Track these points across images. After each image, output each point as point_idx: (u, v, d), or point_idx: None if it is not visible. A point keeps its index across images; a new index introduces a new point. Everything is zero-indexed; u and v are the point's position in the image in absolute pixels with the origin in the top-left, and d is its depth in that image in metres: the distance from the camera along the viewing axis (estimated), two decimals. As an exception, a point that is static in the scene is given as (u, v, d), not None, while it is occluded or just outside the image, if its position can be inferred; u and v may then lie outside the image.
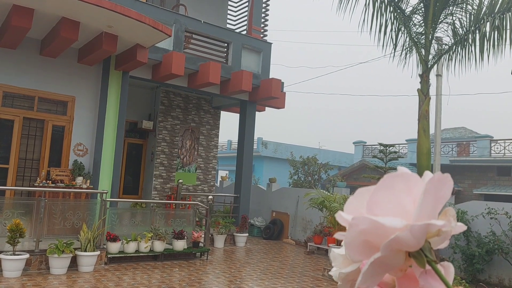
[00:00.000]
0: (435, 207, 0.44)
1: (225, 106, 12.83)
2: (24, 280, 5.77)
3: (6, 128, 8.17)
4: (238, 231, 10.43)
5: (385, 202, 0.44)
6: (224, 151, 27.26)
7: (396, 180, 0.45)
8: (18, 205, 7.16)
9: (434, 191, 0.43)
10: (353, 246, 0.44)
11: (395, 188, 0.45)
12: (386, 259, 0.43)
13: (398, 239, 0.42)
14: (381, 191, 0.45)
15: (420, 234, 0.42)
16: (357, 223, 0.43)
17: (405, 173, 0.46)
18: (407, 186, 0.45)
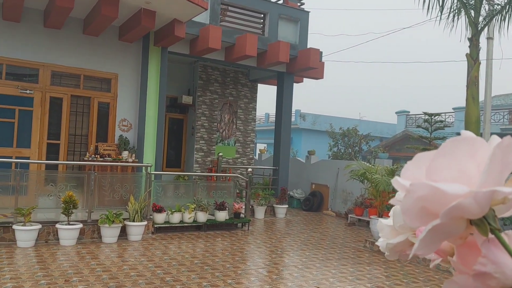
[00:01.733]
0: (502, 173, 0.41)
1: (262, 78, 12.78)
2: (79, 248, 6.19)
3: (56, 106, 8.59)
4: (277, 203, 10.58)
5: (447, 168, 0.42)
6: (261, 124, 27.33)
7: (459, 144, 0.42)
8: (70, 178, 7.61)
9: (501, 157, 0.41)
10: (410, 212, 0.42)
11: (458, 152, 0.42)
12: (446, 227, 0.41)
13: (461, 206, 0.40)
14: (443, 156, 0.42)
15: (484, 201, 0.40)
16: (415, 189, 0.41)
17: (469, 137, 0.43)
18: (471, 151, 0.42)
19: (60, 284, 4.48)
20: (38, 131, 8.33)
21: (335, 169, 11.67)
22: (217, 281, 4.97)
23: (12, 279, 4.56)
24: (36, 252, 5.80)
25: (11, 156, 7.99)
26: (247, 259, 6.35)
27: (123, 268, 5.25)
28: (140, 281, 4.78)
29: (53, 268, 5.10)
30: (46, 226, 6.46)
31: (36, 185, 7.14)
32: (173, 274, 5.12)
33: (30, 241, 6.08)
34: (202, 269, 5.42)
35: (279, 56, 9.95)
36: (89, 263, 5.41)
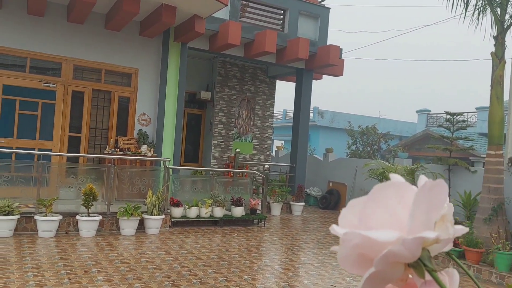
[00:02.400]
0: (430, 216, 0.42)
1: (281, 75, 12.73)
2: (98, 240, 6.31)
3: (78, 99, 8.75)
4: (294, 200, 10.55)
5: (377, 214, 0.42)
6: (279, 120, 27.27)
7: (387, 190, 0.43)
8: (90, 171, 7.75)
9: (426, 201, 0.41)
10: (347, 261, 0.43)
11: (386, 198, 0.43)
12: (383, 273, 0.41)
13: (392, 253, 0.40)
14: (372, 203, 0.43)
15: (413, 246, 0.40)
16: (349, 238, 0.42)
17: (395, 182, 0.44)
18: (398, 195, 0.43)
19: (79, 275, 4.57)
20: (60, 124, 8.50)
21: (353, 167, 11.56)
22: (233, 276, 4.99)
23: (33, 268, 4.68)
24: (56, 243, 5.93)
25: (34, 148, 8.18)
26: (263, 255, 6.36)
27: (140, 261, 5.32)
28: (157, 274, 4.84)
29: (73, 258, 5.20)
30: (67, 217, 6.59)
31: (57, 177, 7.30)
32: (190, 268, 5.16)
33: (51, 231, 6.22)
34: (218, 264, 5.45)
35: (299, 53, 9.89)
36: (108, 254, 5.51)
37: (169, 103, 9.22)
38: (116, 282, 4.44)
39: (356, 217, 0.43)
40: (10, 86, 8.05)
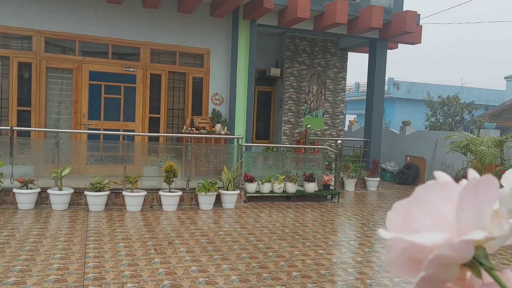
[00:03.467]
0: (480, 214, 0.40)
1: (353, 46, 12.25)
2: (179, 214, 6.71)
3: (156, 82, 9.22)
4: (369, 176, 10.28)
5: (423, 216, 0.41)
6: (351, 94, 26.43)
7: (431, 191, 0.41)
8: (170, 149, 8.20)
9: (473, 199, 0.39)
10: (396, 266, 0.42)
11: (431, 199, 0.41)
12: (436, 275, 0.39)
13: (440, 256, 0.38)
14: (416, 205, 0.41)
15: (463, 248, 0.38)
16: (395, 243, 0.40)
17: (440, 182, 0.42)
18: (444, 195, 0.41)
19: (164, 246, 4.92)
20: (141, 106, 9.05)
21: (433, 140, 10.93)
22: (308, 250, 5.04)
23: (123, 239, 5.12)
24: (142, 216, 6.42)
25: (119, 129, 8.83)
26: (338, 230, 6.33)
27: (219, 234, 5.58)
28: (235, 246, 5.04)
29: (157, 231, 5.60)
30: (151, 192, 7.09)
31: (141, 155, 7.83)
32: (265, 242, 5.31)
33: (137, 206, 6.74)
34: (293, 238, 5.53)
35: (372, 22, 9.40)
36: (189, 227, 5.85)
37: (240, 82, 9.35)
38: (197, 253, 4.71)
39: (402, 220, 0.42)
40: (95, 72, 8.70)
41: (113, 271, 4.02)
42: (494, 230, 0.41)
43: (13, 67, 8.14)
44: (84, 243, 4.84)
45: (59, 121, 8.61)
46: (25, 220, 5.74)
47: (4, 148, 6.86)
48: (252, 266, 4.38)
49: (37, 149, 7.39)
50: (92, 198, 6.52)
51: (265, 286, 3.89)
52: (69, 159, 7.26)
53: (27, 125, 8.21)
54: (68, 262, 4.20)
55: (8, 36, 8.13)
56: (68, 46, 8.58)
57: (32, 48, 8.24)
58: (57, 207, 6.45)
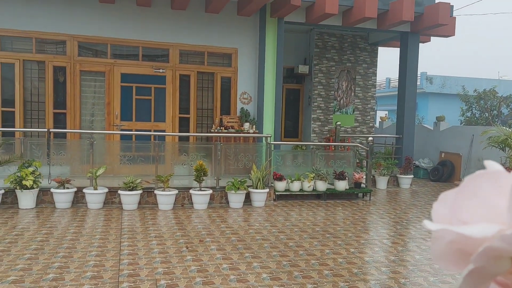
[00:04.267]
0: None
1: (383, 41, 11.99)
2: (209, 212, 6.77)
3: (185, 83, 9.35)
4: (401, 173, 10.04)
5: (472, 206, 0.39)
6: (382, 90, 25.88)
7: (480, 180, 0.39)
8: (199, 148, 8.29)
9: None
10: (443, 258, 0.40)
11: (480, 189, 0.39)
12: (485, 268, 0.37)
13: (490, 249, 0.36)
14: (464, 195, 0.39)
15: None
16: (441, 235, 0.39)
17: (490, 171, 0.40)
18: (496, 185, 0.39)
19: (195, 244, 4.98)
20: (171, 106, 9.20)
21: (469, 135, 10.55)
22: (340, 249, 4.97)
23: (156, 237, 5.22)
24: (174, 214, 6.52)
25: (150, 129, 9.01)
26: (370, 229, 6.21)
27: (249, 232, 5.59)
28: (265, 244, 5.04)
29: (189, 229, 5.68)
30: (182, 191, 7.19)
31: (171, 155, 7.96)
32: (296, 240, 5.27)
33: (169, 204, 6.86)
34: (324, 237, 5.47)
35: (403, 15, 9.16)
36: (219, 225, 5.89)
37: (268, 80, 9.34)
38: (228, 251, 4.73)
39: (449, 211, 0.41)
40: (126, 74, 8.91)
41: (146, 268, 4.10)
42: None
43: (49, 71, 8.45)
44: (118, 241, 4.96)
45: (93, 123, 8.87)
46: (63, 219, 5.95)
47: (41, 150, 7.14)
48: (283, 264, 4.36)
49: (72, 150, 7.64)
50: (125, 197, 6.68)
51: (296, 284, 3.86)
52: (103, 159, 7.47)
53: (63, 127, 8.51)
54: (104, 259, 4.31)
55: (43, 41, 8.45)
56: (100, 49, 8.83)
57: (66, 52, 8.53)
58: (92, 206, 6.65)
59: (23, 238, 4.95)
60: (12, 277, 3.76)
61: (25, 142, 7.21)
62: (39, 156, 7.05)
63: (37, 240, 4.89)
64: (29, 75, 8.45)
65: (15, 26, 8.15)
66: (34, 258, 4.28)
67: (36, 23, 8.25)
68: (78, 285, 3.64)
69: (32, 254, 4.39)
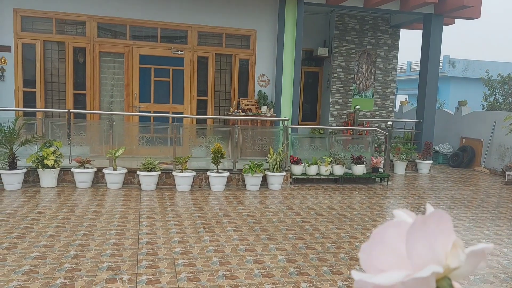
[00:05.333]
0: (433, 248, 0.42)
1: (406, 23, 11.66)
2: (226, 194, 6.82)
3: (203, 65, 9.32)
4: (420, 158, 9.88)
5: (383, 255, 0.43)
6: (403, 73, 25.35)
7: (387, 230, 0.44)
8: (217, 131, 8.31)
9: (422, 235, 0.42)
10: None
11: (388, 238, 0.43)
12: None
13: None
14: (376, 245, 0.44)
15: (419, 285, 0.40)
16: (362, 286, 0.43)
17: (395, 222, 0.44)
18: (400, 233, 0.43)
19: (213, 225, 5.03)
20: (189, 88, 9.20)
21: (491, 121, 10.28)
22: (356, 233, 4.96)
23: (174, 217, 5.29)
24: (191, 196, 6.59)
25: (168, 111, 9.05)
26: (387, 213, 6.16)
27: (265, 214, 5.62)
28: (281, 227, 5.06)
29: (206, 210, 5.74)
30: (199, 173, 7.25)
31: (189, 137, 8.00)
32: (312, 223, 5.28)
33: (186, 186, 6.93)
34: (340, 220, 5.46)
35: (426, -4, 8.88)
36: (236, 207, 5.94)
37: (287, 63, 9.23)
38: (245, 233, 4.77)
39: (368, 260, 0.45)
40: (145, 55, 8.93)
41: (165, 248, 4.17)
42: (452, 261, 0.42)
43: (69, 52, 8.53)
44: (137, 220, 5.06)
45: (112, 104, 8.97)
46: (83, 198, 6.08)
47: (62, 130, 7.26)
48: (298, 247, 4.38)
49: (92, 131, 7.76)
50: (144, 178, 6.77)
51: (312, 266, 3.88)
52: (122, 140, 7.56)
53: (83, 108, 8.63)
54: (123, 238, 4.41)
55: (63, 22, 8.51)
56: (119, 30, 8.85)
57: (86, 33, 8.58)
58: (112, 186, 6.78)
59: (45, 216, 5.09)
60: (35, 253, 3.88)
61: (46, 122, 7.34)
62: (60, 136, 7.19)
63: (59, 218, 5.02)
64: (49, 56, 8.55)
65: (35, 6, 8.22)
66: (56, 235, 4.40)
67: (57, 3, 8.30)
68: (99, 262, 3.74)
69: (54, 232, 4.51)
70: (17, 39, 8.20)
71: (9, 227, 4.58)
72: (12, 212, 5.17)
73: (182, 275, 3.55)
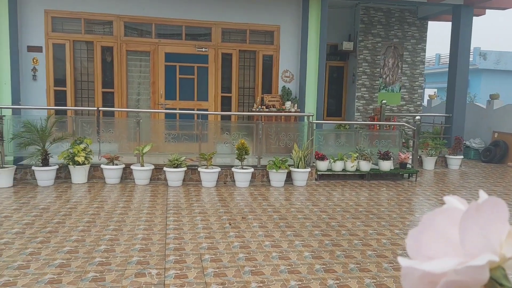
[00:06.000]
0: (487, 236, 0.40)
1: (434, 15, 11.34)
2: (251, 190, 6.84)
3: (227, 61, 9.35)
4: (450, 153, 9.63)
5: (432, 242, 0.42)
6: (431, 67, 24.69)
7: (437, 217, 0.43)
8: (241, 127, 8.33)
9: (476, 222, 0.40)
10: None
11: (438, 225, 0.42)
12: None
13: (449, 283, 0.39)
14: (424, 231, 0.43)
15: (472, 273, 0.38)
16: (410, 272, 0.42)
17: (445, 209, 0.43)
18: (452, 221, 0.42)
19: (238, 221, 5.06)
20: (213, 85, 9.26)
21: (526, 115, 9.90)
22: (384, 230, 4.88)
23: (200, 213, 5.35)
24: (217, 192, 6.64)
25: (193, 108, 9.14)
26: (416, 210, 6.04)
27: (291, 211, 5.61)
28: (307, 223, 5.03)
29: (231, 206, 5.77)
30: (224, 169, 7.30)
31: (214, 133, 8.06)
32: (338, 220, 5.23)
33: (212, 181, 6.99)
34: (367, 217, 5.39)
35: (455, -14, 8.60)
36: (261, 203, 5.94)
37: (311, 58, 9.15)
38: (270, 229, 4.78)
39: (417, 247, 0.44)
40: (170, 53, 9.03)
41: (191, 243, 4.22)
42: (507, 250, 0.41)
43: (97, 51, 8.73)
44: (164, 216, 5.14)
45: (139, 102, 9.13)
46: (112, 194, 6.23)
47: (91, 127, 7.45)
48: (325, 244, 4.35)
49: (120, 128, 7.93)
50: (170, 174, 6.87)
51: (338, 263, 3.84)
52: (149, 137, 7.69)
53: (111, 106, 8.82)
54: (151, 233, 4.49)
55: (91, 22, 8.71)
56: (145, 29, 8.98)
57: (113, 33, 8.75)
58: (139, 182, 6.91)
59: (76, 211, 5.24)
60: (67, 247, 4.01)
61: (77, 120, 7.55)
62: (89, 134, 7.37)
63: (89, 213, 5.16)
64: (78, 55, 8.77)
65: (65, 7, 8.43)
66: (87, 230, 4.53)
67: (85, 4, 8.49)
68: (128, 257, 3.82)
69: (85, 227, 4.64)
70: (48, 40, 8.44)
71: (42, 222, 4.75)
72: (45, 208, 5.35)
73: (208, 270, 3.58)
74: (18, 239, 4.18)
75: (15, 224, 4.64)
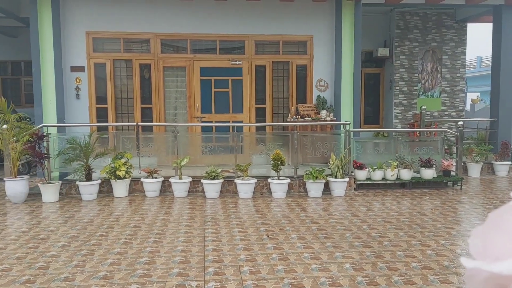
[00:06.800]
0: None
1: (473, 16, 10.95)
2: (288, 201, 6.78)
3: (260, 73, 9.41)
4: (497, 159, 9.16)
5: (501, 241, 0.39)
6: (473, 70, 23.77)
7: (505, 215, 0.40)
8: (276, 138, 8.32)
9: None
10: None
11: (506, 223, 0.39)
12: None
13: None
14: (490, 230, 0.40)
15: None
16: (476, 273, 0.39)
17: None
18: None
19: (276, 232, 5.01)
20: (248, 97, 9.32)
21: None
22: (428, 240, 4.68)
23: (238, 225, 5.35)
24: (254, 203, 6.63)
25: (229, 120, 9.23)
26: (462, 220, 5.76)
27: (329, 221, 5.50)
28: (347, 234, 4.91)
29: (269, 217, 5.73)
30: (260, 180, 7.28)
31: (249, 145, 8.09)
32: (380, 231, 5.07)
33: (248, 193, 6.99)
34: (410, 228, 5.19)
35: (496, -15, 8.27)
36: (299, 214, 5.87)
37: (346, 65, 9.04)
38: (309, 240, 4.70)
39: (482, 246, 0.41)
40: (205, 67, 9.20)
41: (230, 255, 4.22)
42: None
43: (135, 68, 9.03)
44: (203, 228, 5.18)
45: (176, 116, 9.33)
46: (152, 206, 6.36)
47: (131, 142, 7.68)
48: (366, 255, 4.22)
49: (159, 142, 8.12)
50: (208, 186, 6.94)
51: (381, 276, 3.71)
52: (186, 150, 7.83)
53: (149, 121, 9.06)
54: (190, 245, 4.53)
55: (130, 41, 9.04)
56: (181, 45, 9.22)
57: (151, 50, 9.04)
58: (178, 194, 7.02)
59: (119, 224, 5.38)
60: (110, 260, 4.11)
61: (117, 135, 7.81)
62: (129, 148, 7.60)
63: (131, 226, 5.29)
64: (118, 74, 9.10)
65: (105, 28, 8.81)
66: (129, 242, 4.63)
67: (123, 24, 8.84)
68: (168, 268, 3.87)
69: (127, 239, 4.75)
70: (90, 60, 8.83)
71: (87, 235, 4.90)
72: (89, 221, 5.53)
73: (248, 282, 3.56)
74: (64, 252, 4.33)
75: (61, 238, 4.82)
